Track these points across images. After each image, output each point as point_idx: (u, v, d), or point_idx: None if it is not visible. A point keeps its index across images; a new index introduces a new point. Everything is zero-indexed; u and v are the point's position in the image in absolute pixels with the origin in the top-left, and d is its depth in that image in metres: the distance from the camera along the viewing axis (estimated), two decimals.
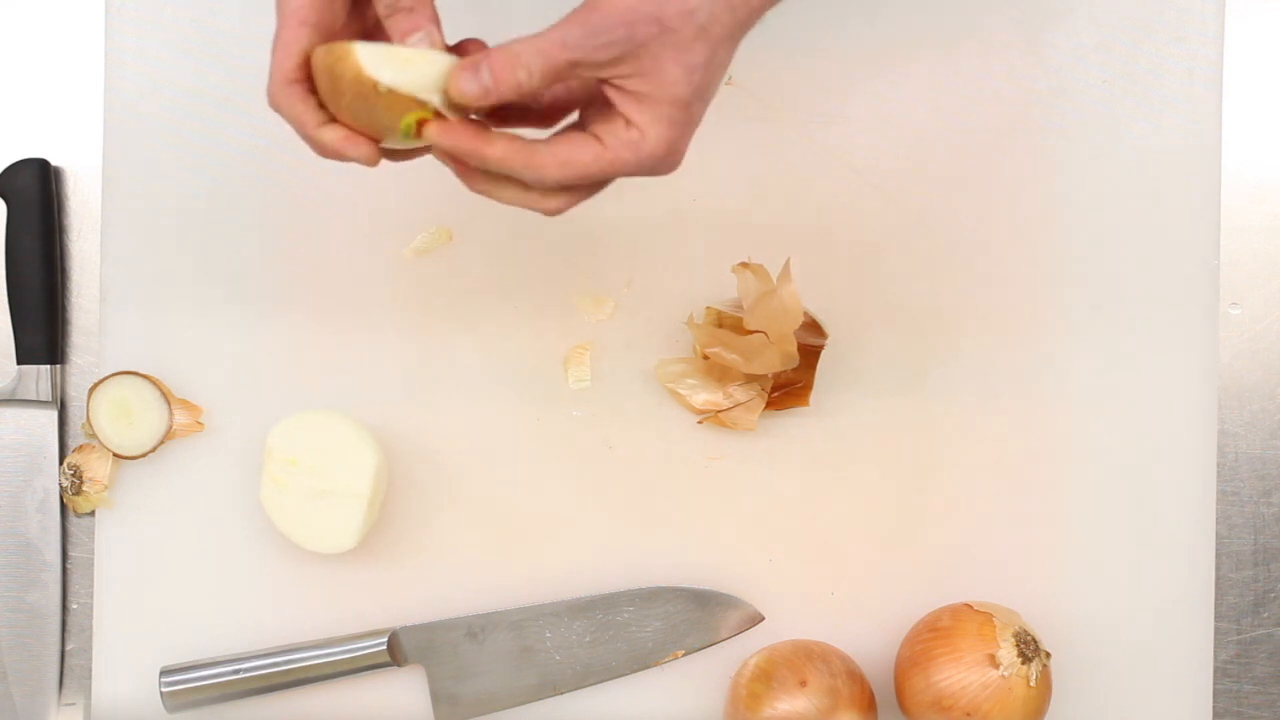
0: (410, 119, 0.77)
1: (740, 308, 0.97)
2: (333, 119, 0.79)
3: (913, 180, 1.02)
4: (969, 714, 0.93)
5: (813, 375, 1.00)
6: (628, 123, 0.78)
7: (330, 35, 0.80)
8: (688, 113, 0.78)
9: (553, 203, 0.81)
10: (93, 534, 1.02)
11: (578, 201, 0.81)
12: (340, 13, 0.80)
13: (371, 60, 0.77)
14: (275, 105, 0.80)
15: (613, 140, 0.78)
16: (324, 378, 1.02)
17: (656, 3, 0.76)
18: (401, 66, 0.77)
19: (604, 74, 0.77)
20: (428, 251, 1.02)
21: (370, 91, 0.76)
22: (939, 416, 1.01)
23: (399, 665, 0.99)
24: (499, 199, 0.81)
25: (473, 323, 1.02)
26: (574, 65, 0.76)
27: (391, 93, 0.76)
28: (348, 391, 1.01)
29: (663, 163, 0.79)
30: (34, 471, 1.02)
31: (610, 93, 0.78)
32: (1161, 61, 1.02)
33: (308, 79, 0.79)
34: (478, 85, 0.76)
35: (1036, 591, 1.00)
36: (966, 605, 0.96)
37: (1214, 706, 1.01)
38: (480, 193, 0.81)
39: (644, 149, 0.78)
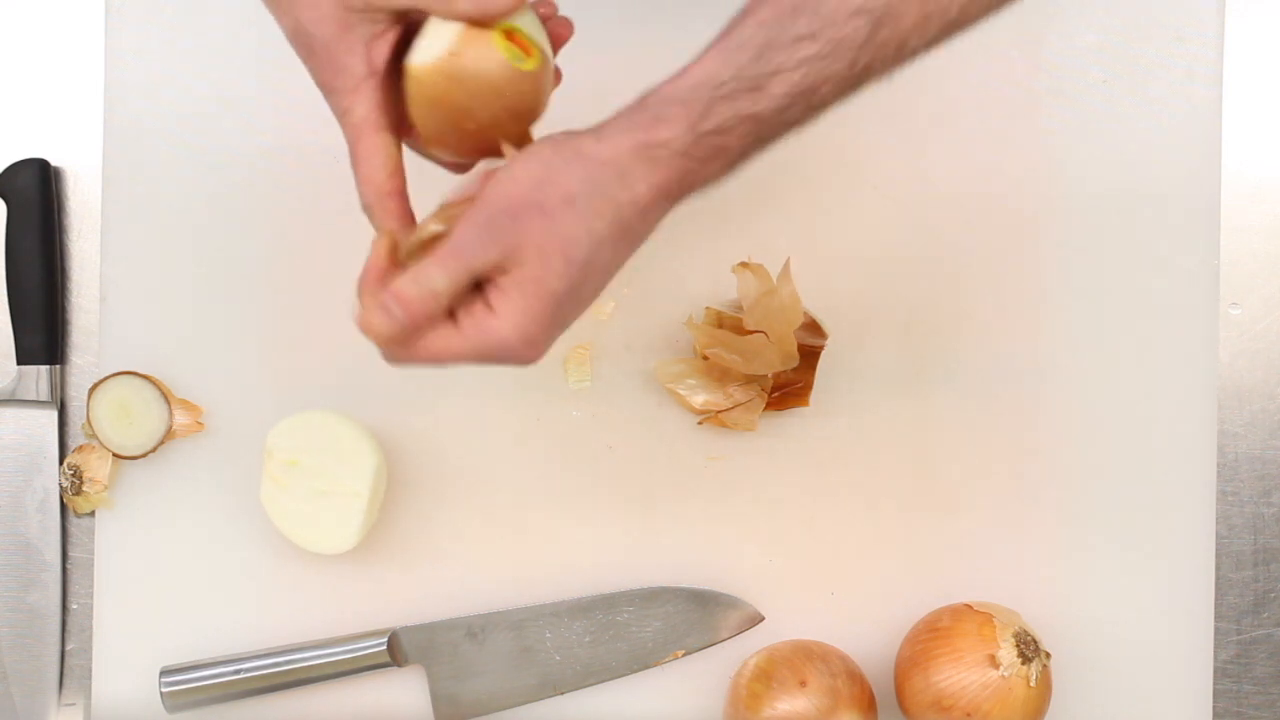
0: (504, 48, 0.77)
1: (740, 308, 0.97)
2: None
3: (912, 180, 1.02)
4: (969, 714, 0.93)
5: (813, 375, 1.00)
6: (487, 307, 0.75)
7: (401, 129, 0.80)
8: (555, 308, 0.75)
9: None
10: (93, 534, 1.02)
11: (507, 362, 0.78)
12: (396, 101, 0.80)
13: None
14: (370, 214, 0.81)
15: (469, 324, 0.76)
16: (324, 378, 1.02)
17: (538, 188, 0.74)
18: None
19: (496, 272, 0.75)
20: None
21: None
22: (939, 416, 1.01)
23: (399, 665, 0.99)
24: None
25: None
26: (472, 272, 0.75)
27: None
28: (348, 391, 1.01)
29: (514, 353, 0.76)
30: (34, 471, 1.02)
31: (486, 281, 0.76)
32: (1161, 61, 1.02)
33: (403, 187, 0.80)
34: (392, 321, 0.76)
35: (1036, 591, 1.00)
36: (966, 605, 0.96)
37: (1214, 706, 1.01)
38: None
39: (495, 335, 0.75)
